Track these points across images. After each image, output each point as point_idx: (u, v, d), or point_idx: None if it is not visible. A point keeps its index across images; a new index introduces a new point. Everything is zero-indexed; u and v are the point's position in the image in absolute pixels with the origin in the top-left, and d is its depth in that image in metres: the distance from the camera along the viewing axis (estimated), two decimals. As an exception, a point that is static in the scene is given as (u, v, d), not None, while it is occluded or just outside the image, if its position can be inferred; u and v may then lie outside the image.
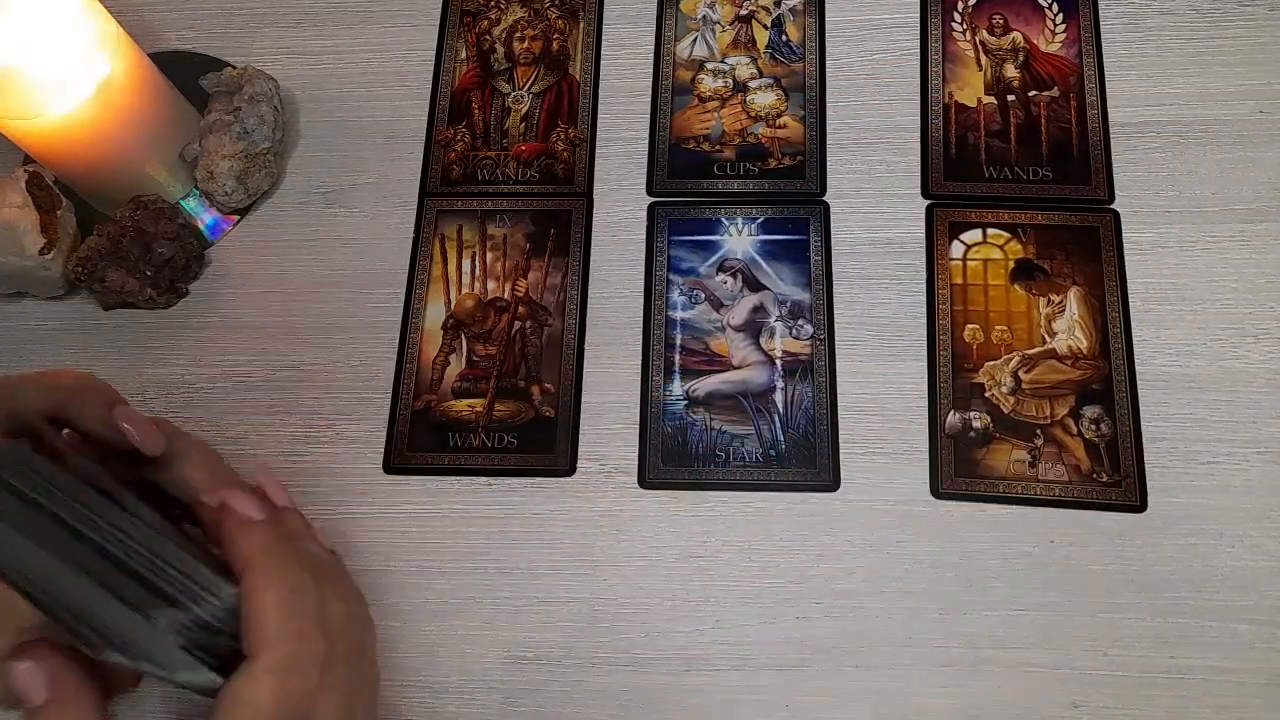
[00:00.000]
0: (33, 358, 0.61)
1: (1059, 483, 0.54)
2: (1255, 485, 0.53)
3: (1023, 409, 0.56)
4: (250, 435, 0.58)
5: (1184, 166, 0.60)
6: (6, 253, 0.57)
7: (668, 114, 0.64)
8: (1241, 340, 0.56)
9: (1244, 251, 0.58)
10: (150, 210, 0.59)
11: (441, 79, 0.66)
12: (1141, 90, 0.62)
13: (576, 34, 0.67)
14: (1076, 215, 0.59)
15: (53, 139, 0.56)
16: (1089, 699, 0.51)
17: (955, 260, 0.59)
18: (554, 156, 0.63)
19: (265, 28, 0.68)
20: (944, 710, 0.51)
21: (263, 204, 0.64)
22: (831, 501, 0.55)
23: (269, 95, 0.62)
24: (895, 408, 0.56)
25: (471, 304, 0.60)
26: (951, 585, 0.53)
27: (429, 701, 0.53)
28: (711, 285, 0.60)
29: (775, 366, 0.58)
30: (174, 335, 0.61)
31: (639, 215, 0.62)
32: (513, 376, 0.59)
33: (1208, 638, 0.51)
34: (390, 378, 0.59)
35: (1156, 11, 0.64)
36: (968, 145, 0.62)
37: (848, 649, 0.52)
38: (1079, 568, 0.53)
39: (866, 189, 0.61)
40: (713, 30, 0.66)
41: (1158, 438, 0.55)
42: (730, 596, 0.54)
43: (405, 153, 0.64)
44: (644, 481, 0.56)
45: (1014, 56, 0.64)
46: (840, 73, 0.64)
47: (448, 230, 0.62)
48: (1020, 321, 0.57)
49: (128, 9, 0.67)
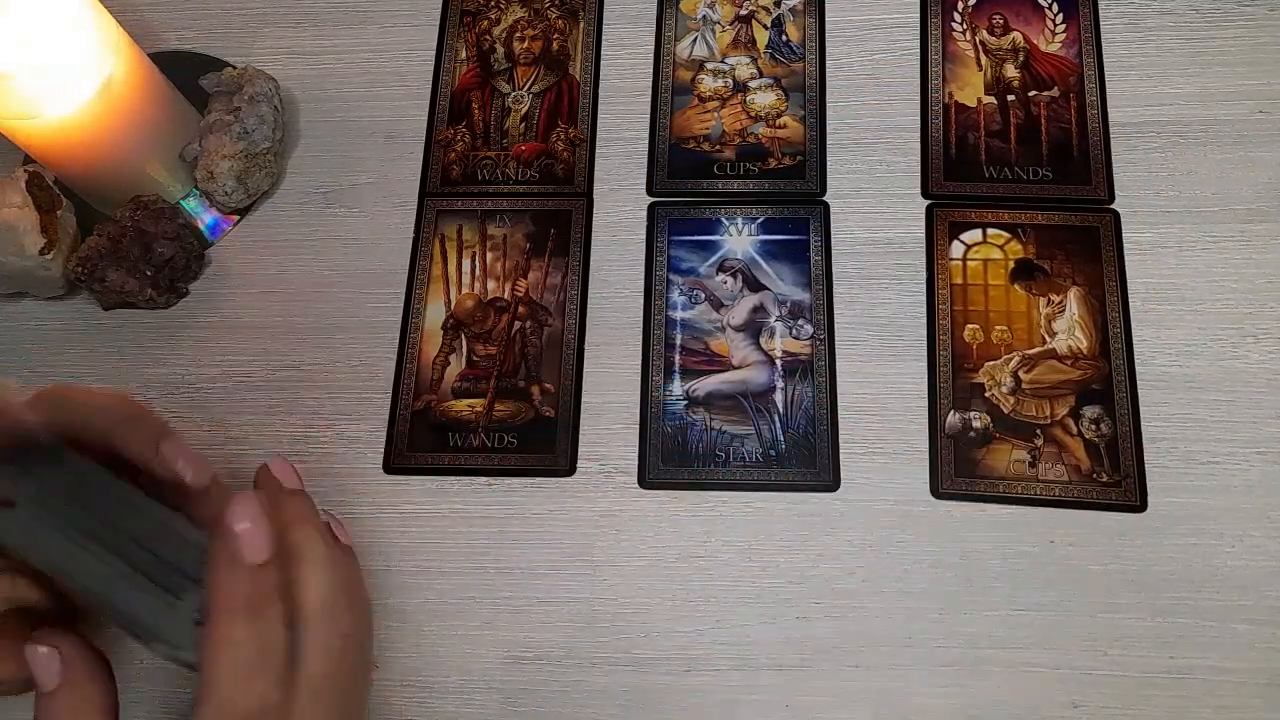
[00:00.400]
0: (33, 358, 0.61)
1: (1059, 483, 0.54)
2: (1255, 485, 0.53)
3: (1023, 409, 0.56)
4: (250, 435, 0.58)
5: (1184, 166, 0.60)
6: (6, 253, 0.57)
7: (668, 114, 0.64)
8: (1241, 340, 0.56)
9: (1244, 251, 0.58)
10: (150, 210, 0.59)
11: (441, 79, 0.66)
12: (1141, 90, 0.62)
13: (576, 34, 0.67)
14: (1076, 215, 0.59)
15: (53, 139, 0.56)
16: (1089, 699, 0.51)
17: (955, 260, 0.59)
18: (554, 156, 0.63)
19: (265, 28, 0.68)
20: (944, 710, 0.51)
21: (263, 204, 0.64)
22: (831, 501, 0.55)
23: (269, 95, 0.62)
24: (895, 408, 0.56)
25: (471, 304, 0.60)
26: (951, 585, 0.53)
27: (429, 701, 0.53)
28: (711, 285, 0.60)
29: (775, 366, 0.58)
30: (174, 335, 0.61)
31: (639, 215, 0.62)
32: (513, 376, 0.59)
33: (1208, 638, 0.51)
34: (390, 378, 0.59)
35: (1156, 11, 0.64)
36: (968, 145, 0.62)
37: (848, 649, 0.52)
38: (1079, 568, 0.53)
39: (866, 189, 0.61)
40: (713, 30, 0.66)
41: (1158, 438, 0.55)
42: (730, 596, 0.54)
43: (405, 153, 0.64)
44: (644, 481, 0.56)
45: (1014, 56, 0.64)
46: (840, 73, 0.64)
47: (448, 230, 0.62)
48: (1020, 321, 0.57)
49: (128, 9, 0.67)
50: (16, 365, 0.61)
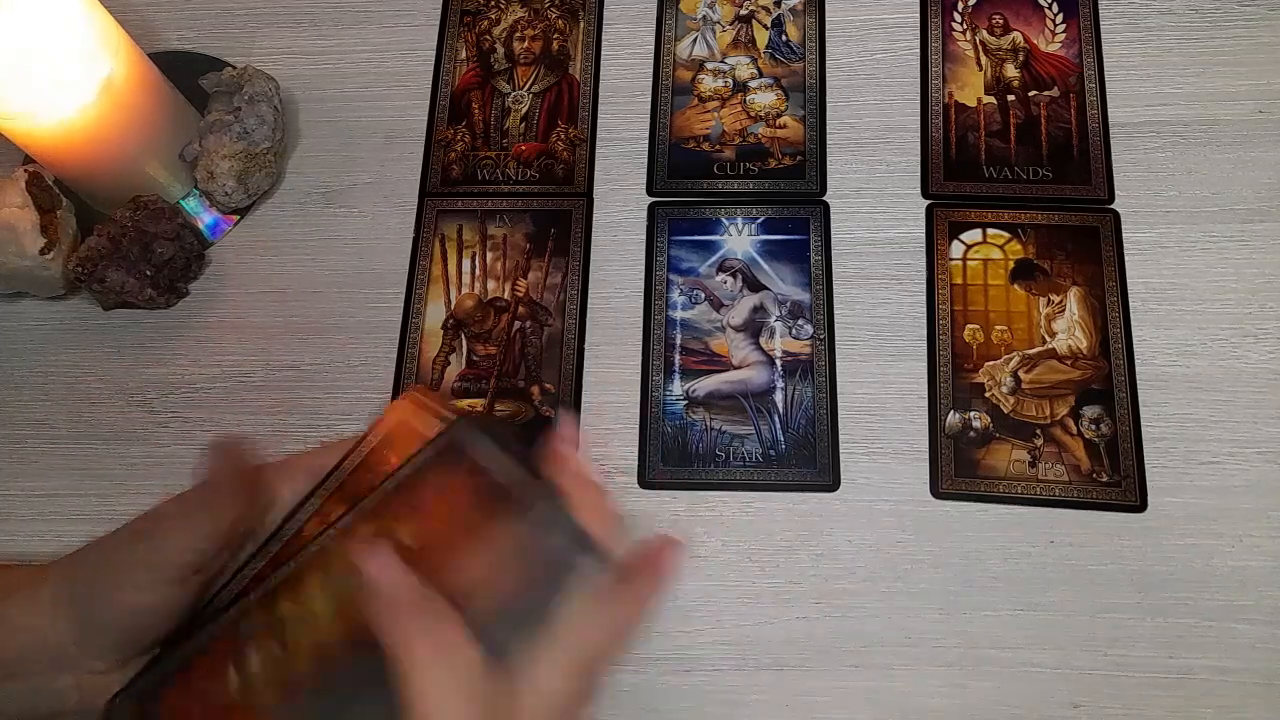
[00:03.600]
0: (33, 358, 0.61)
1: (1059, 483, 0.54)
2: (1255, 485, 0.53)
3: (1023, 409, 0.56)
4: (250, 435, 0.58)
5: (1184, 166, 0.60)
6: (6, 253, 0.57)
7: (668, 114, 0.64)
8: (1241, 340, 0.56)
9: (1244, 251, 0.58)
10: (150, 210, 0.59)
11: (441, 79, 0.66)
12: (1141, 90, 0.62)
13: (576, 34, 0.67)
14: (1076, 215, 0.59)
15: (53, 139, 0.56)
16: (1089, 699, 0.51)
17: (955, 260, 0.59)
18: (554, 156, 0.63)
19: (265, 28, 0.68)
20: (944, 710, 0.51)
21: (263, 204, 0.64)
22: (831, 501, 0.55)
23: (269, 95, 0.62)
24: (895, 408, 0.56)
25: (471, 304, 0.60)
26: (951, 585, 0.53)
27: (429, 701, 0.53)
28: (711, 285, 0.60)
29: (775, 366, 0.58)
30: (174, 335, 0.61)
31: (639, 215, 0.62)
32: (513, 376, 0.59)
33: (1208, 638, 0.51)
34: (390, 378, 0.59)
35: (1156, 11, 0.64)
36: (968, 145, 0.62)
37: (848, 649, 0.52)
38: (1079, 568, 0.53)
39: (866, 189, 0.61)
40: (713, 30, 0.66)
41: (1158, 438, 0.55)
42: (730, 596, 0.54)
43: (405, 153, 0.64)
44: (644, 481, 0.56)
45: (1014, 56, 0.64)
46: (840, 73, 0.64)
47: (448, 230, 0.62)
48: (1020, 321, 0.57)
49: (128, 9, 0.67)
50: (16, 365, 0.61)
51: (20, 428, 0.59)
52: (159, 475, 0.58)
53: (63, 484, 0.58)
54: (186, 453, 0.58)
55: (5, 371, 0.61)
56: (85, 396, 0.60)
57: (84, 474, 0.58)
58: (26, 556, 0.56)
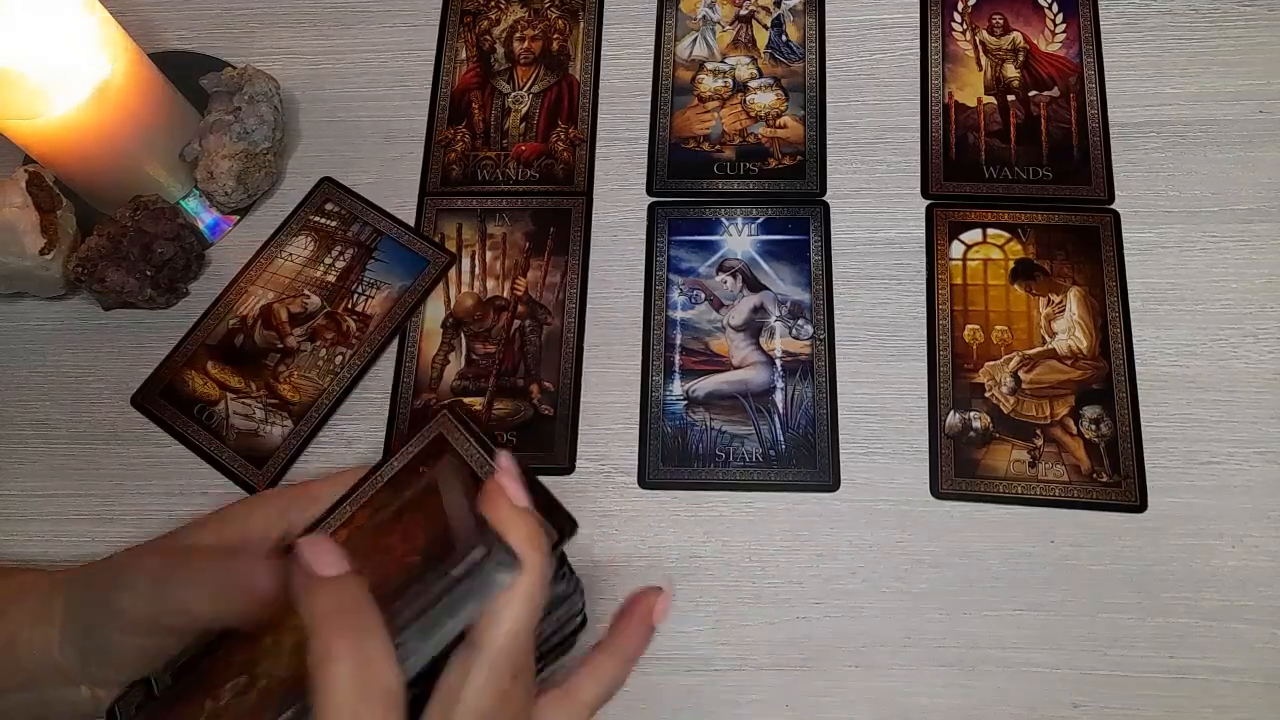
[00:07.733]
0: (33, 358, 0.61)
1: (1059, 483, 0.54)
2: (1255, 485, 0.53)
3: (1023, 409, 0.56)
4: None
5: (1184, 166, 0.60)
6: (6, 253, 0.57)
7: (668, 114, 0.64)
8: (1241, 340, 0.56)
9: (1244, 251, 0.58)
10: (150, 210, 0.59)
11: (441, 79, 0.66)
12: (1141, 90, 0.62)
13: (576, 34, 0.67)
14: (1076, 215, 0.59)
15: (53, 139, 0.56)
16: (1089, 699, 0.51)
17: (955, 260, 0.59)
18: (554, 156, 0.63)
19: (265, 28, 0.68)
20: (944, 710, 0.51)
21: (263, 204, 0.64)
22: (831, 501, 0.55)
23: (269, 95, 0.62)
24: (895, 408, 0.56)
25: (471, 303, 0.60)
26: (951, 585, 0.53)
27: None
28: (711, 285, 0.60)
29: (775, 366, 0.58)
30: (174, 335, 0.61)
31: (639, 215, 0.62)
32: (512, 375, 0.59)
33: (1208, 638, 0.51)
34: (390, 377, 0.59)
35: (1156, 11, 0.64)
36: (968, 145, 0.62)
37: (848, 649, 0.52)
38: (1079, 568, 0.53)
39: (866, 189, 0.61)
40: (713, 30, 0.66)
41: (1158, 438, 0.55)
42: (730, 596, 0.53)
43: (405, 153, 0.64)
44: (644, 481, 0.56)
45: (1014, 56, 0.64)
46: (840, 73, 0.64)
47: (448, 230, 0.62)
48: (1020, 321, 0.57)
49: (128, 9, 0.67)
50: (16, 365, 0.61)
51: (20, 428, 0.59)
52: (159, 475, 0.58)
53: (63, 484, 0.58)
54: (186, 453, 0.58)
55: (5, 371, 0.61)
56: (85, 396, 0.60)
57: (84, 474, 0.58)
58: (26, 557, 0.56)
